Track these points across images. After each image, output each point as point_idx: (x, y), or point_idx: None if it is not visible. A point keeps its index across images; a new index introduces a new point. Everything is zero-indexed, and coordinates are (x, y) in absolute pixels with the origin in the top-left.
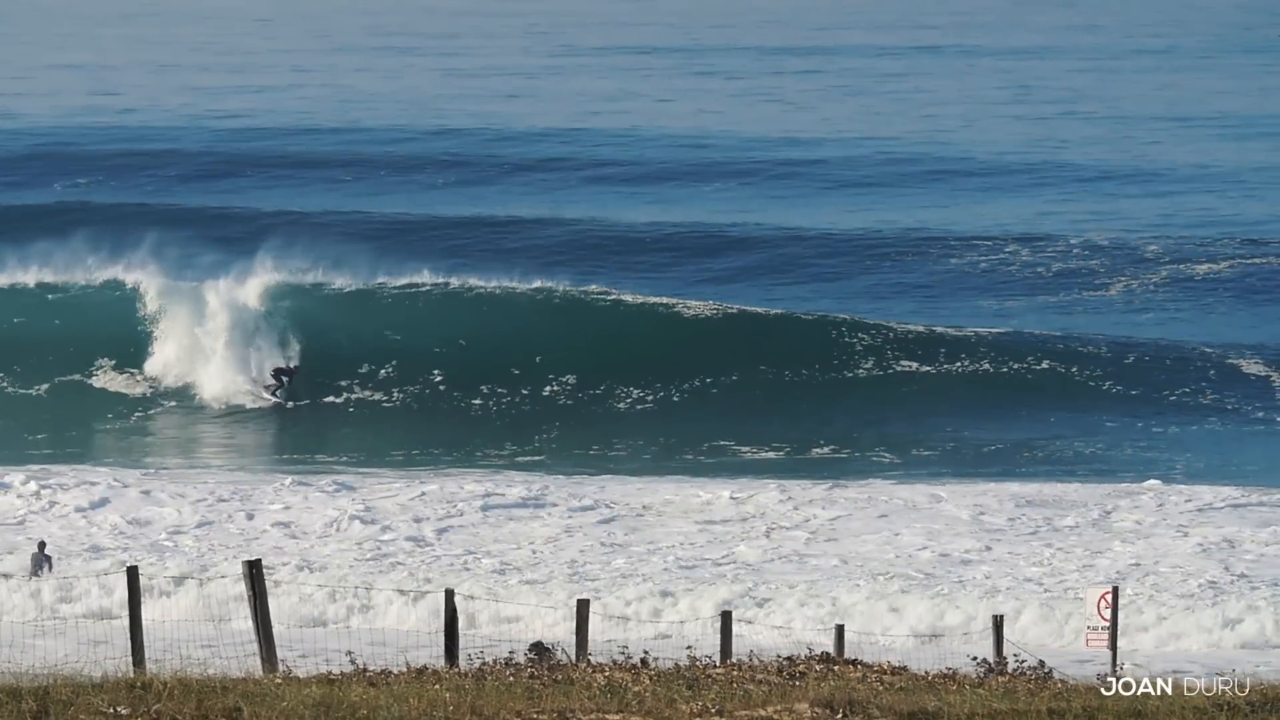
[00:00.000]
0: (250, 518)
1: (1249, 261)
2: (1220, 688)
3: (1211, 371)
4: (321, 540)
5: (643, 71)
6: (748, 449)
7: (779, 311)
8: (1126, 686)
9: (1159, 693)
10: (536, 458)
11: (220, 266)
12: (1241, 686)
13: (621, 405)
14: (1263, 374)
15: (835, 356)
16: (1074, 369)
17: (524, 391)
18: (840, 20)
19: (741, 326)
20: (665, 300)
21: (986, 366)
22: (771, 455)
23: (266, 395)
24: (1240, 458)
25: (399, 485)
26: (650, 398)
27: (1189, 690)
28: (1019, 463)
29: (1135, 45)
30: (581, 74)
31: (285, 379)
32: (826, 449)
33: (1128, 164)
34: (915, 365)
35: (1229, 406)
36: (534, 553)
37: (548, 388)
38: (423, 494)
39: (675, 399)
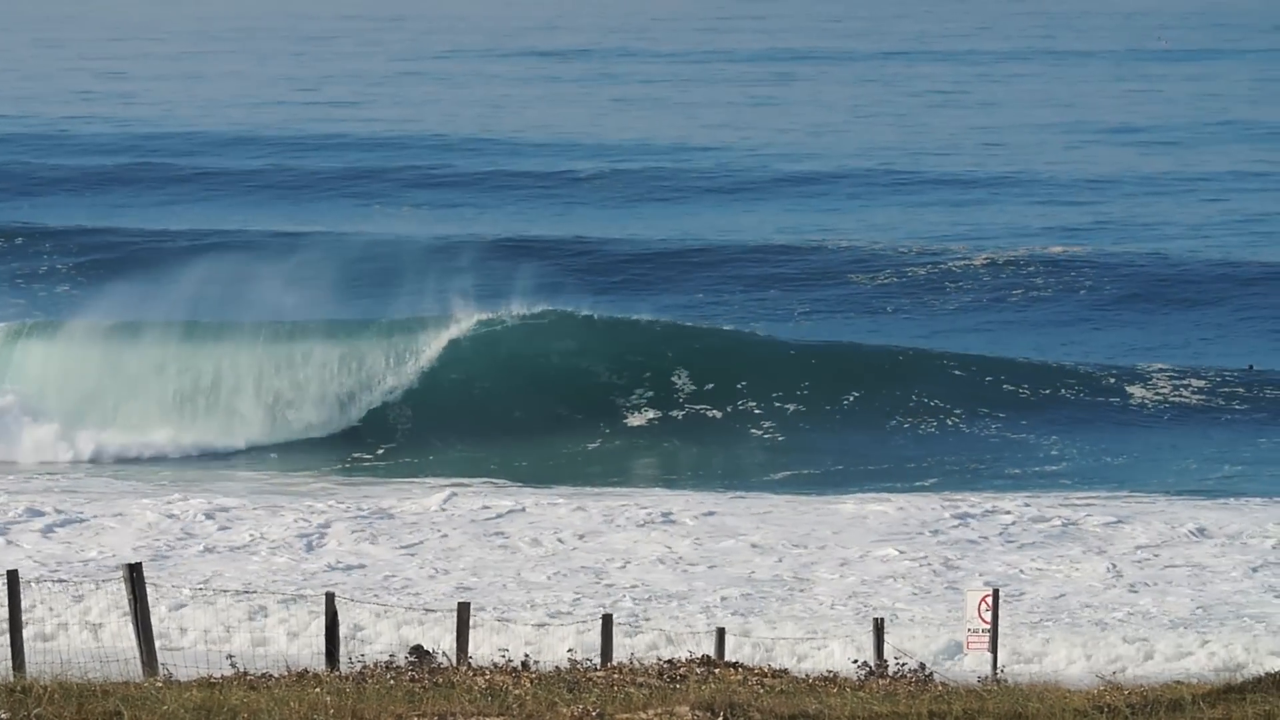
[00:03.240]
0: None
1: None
2: (1101, 690)
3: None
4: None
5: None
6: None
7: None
8: (1006, 687)
9: (1039, 695)
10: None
11: None
12: (1122, 689)
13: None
14: (1116, 383)
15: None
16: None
17: None
18: (720, 24)
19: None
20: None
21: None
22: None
23: None
24: (1106, 463)
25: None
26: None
27: (1070, 692)
28: (877, 476)
29: (1009, 49)
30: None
31: None
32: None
33: (963, 171)
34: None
35: (1081, 415)
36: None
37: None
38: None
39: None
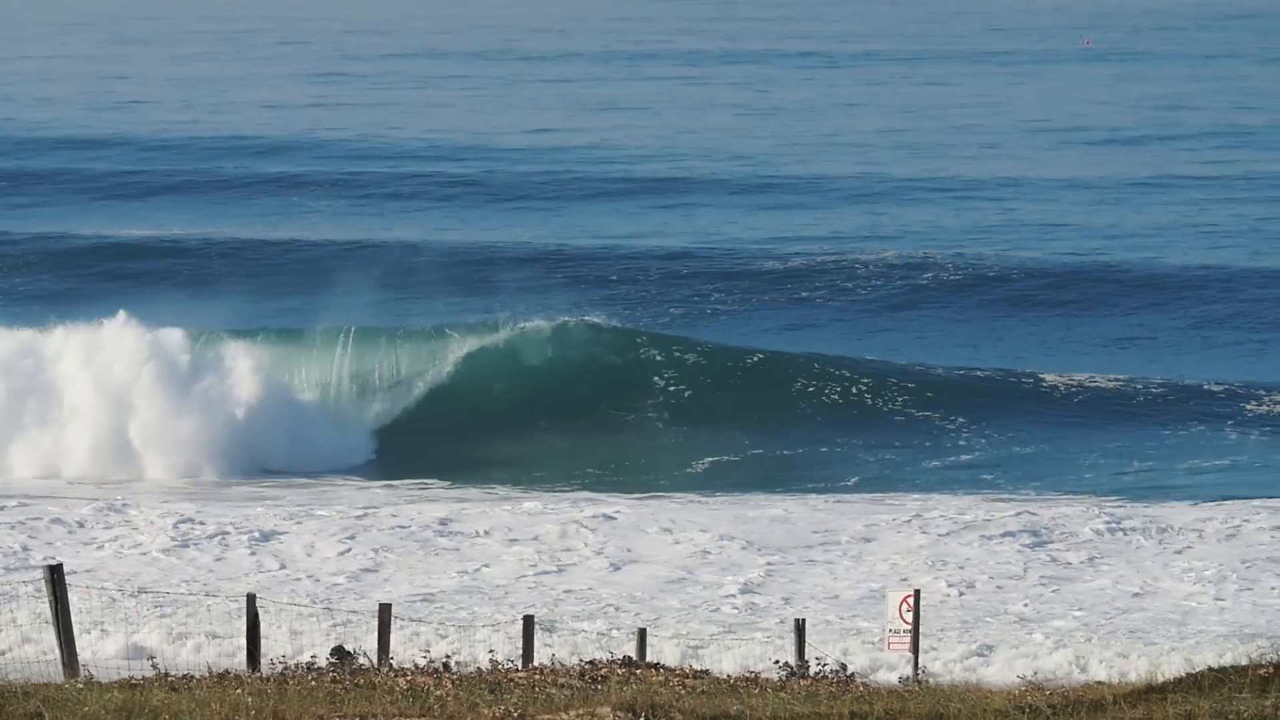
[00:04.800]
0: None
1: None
2: (1022, 690)
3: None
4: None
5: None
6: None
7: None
8: (928, 688)
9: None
10: None
11: None
12: (1043, 689)
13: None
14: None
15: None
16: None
17: None
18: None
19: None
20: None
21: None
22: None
23: None
24: (1016, 464)
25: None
26: None
27: (991, 693)
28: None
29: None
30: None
31: None
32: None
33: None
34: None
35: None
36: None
37: None
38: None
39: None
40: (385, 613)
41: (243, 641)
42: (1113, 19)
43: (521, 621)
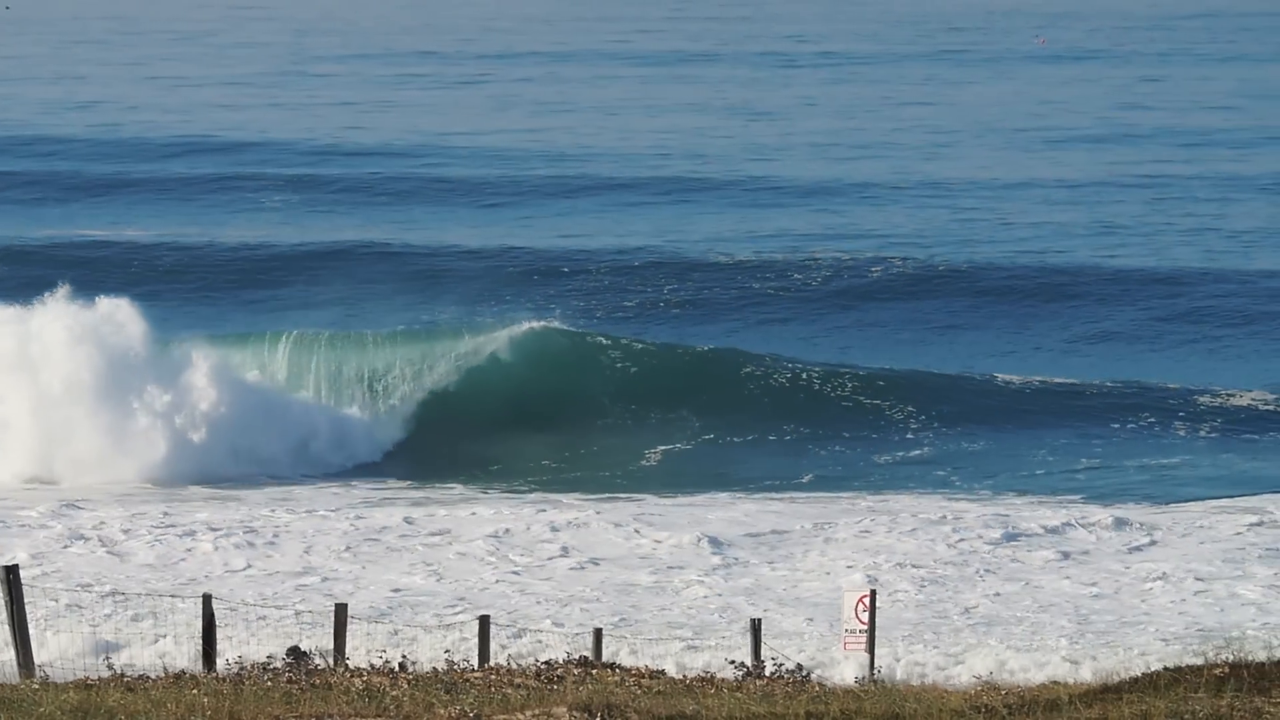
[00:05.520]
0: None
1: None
2: (978, 690)
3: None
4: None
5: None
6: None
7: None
8: (884, 688)
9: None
10: None
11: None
12: (999, 689)
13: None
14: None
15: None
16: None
17: None
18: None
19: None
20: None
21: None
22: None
23: None
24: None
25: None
26: None
27: (947, 693)
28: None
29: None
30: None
31: None
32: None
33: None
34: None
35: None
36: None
37: None
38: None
39: None
40: (341, 613)
41: (199, 642)
42: (1069, 19)
43: (478, 622)
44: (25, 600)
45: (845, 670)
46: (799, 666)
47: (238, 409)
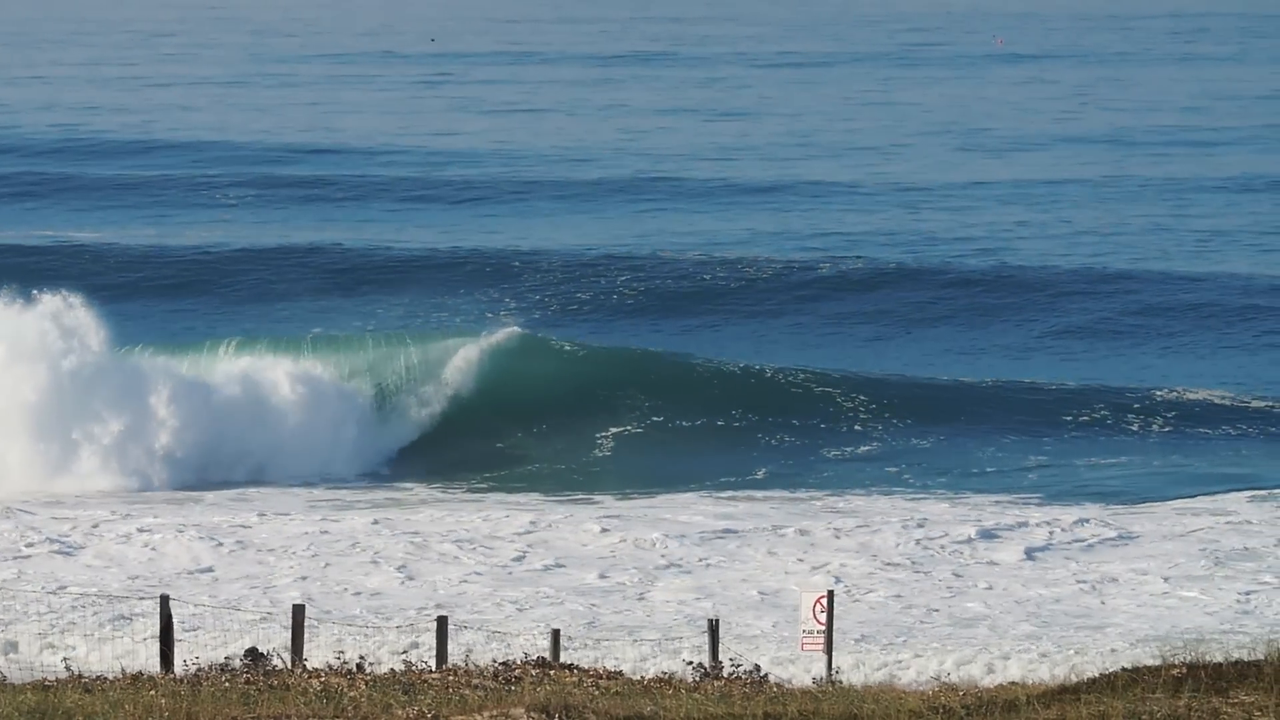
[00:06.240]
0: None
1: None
2: (936, 691)
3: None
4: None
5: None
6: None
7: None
8: (842, 688)
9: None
10: None
11: None
12: (957, 689)
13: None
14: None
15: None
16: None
17: None
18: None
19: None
20: None
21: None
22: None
23: None
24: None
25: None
26: None
27: (905, 693)
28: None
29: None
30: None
31: None
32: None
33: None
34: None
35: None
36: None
37: None
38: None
39: None
40: (299, 614)
41: (157, 644)
42: (1028, 19)
43: (436, 622)
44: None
45: (803, 670)
46: (756, 667)
47: (196, 416)
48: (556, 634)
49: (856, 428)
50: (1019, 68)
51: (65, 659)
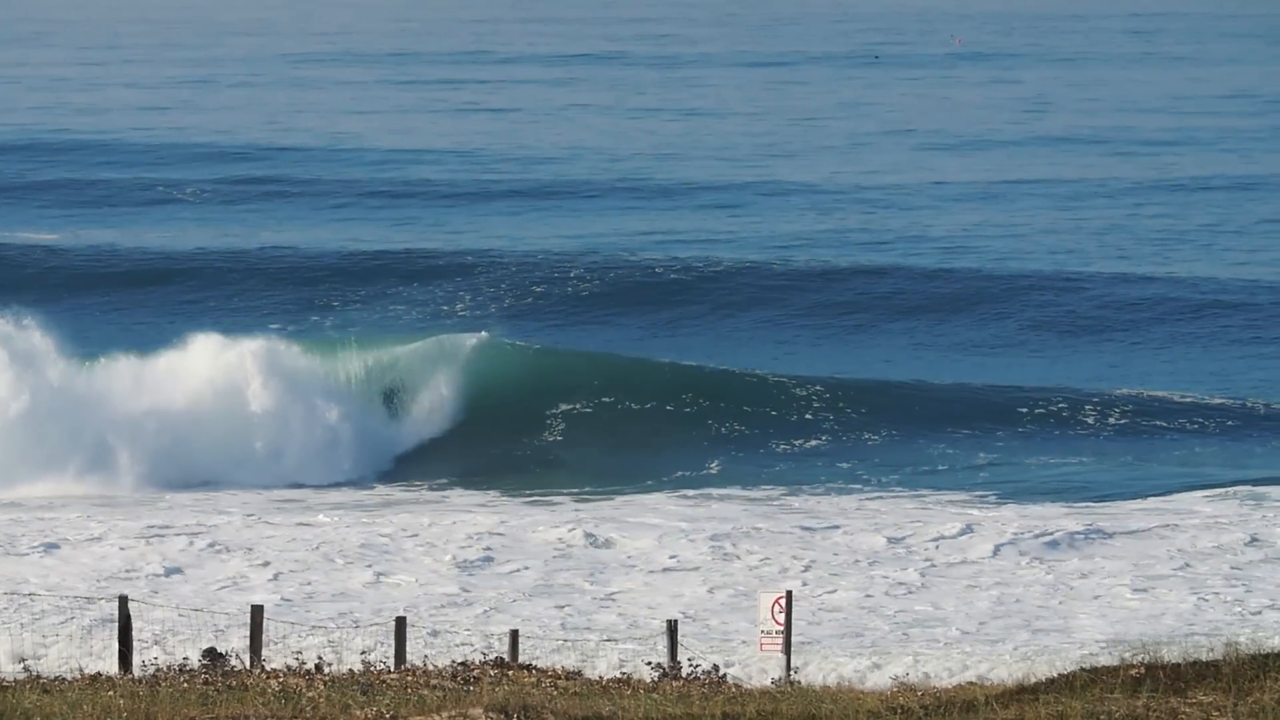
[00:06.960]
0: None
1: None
2: (894, 691)
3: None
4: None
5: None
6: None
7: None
8: (800, 689)
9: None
10: None
11: None
12: (915, 689)
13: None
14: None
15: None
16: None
17: None
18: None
19: None
20: None
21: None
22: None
23: None
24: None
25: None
26: None
27: (863, 694)
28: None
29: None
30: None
31: None
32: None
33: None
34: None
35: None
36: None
37: None
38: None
39: None
40: (258, 614)
41: (115, 644)
42: (987, 19)
43: (395, 623)
44: None
45: (759, 671)
46: (715, 667)
47: (162, 418)
48: (515, 634)
49: (813, 424)
50: (978, 67)
51: (23, 660)
